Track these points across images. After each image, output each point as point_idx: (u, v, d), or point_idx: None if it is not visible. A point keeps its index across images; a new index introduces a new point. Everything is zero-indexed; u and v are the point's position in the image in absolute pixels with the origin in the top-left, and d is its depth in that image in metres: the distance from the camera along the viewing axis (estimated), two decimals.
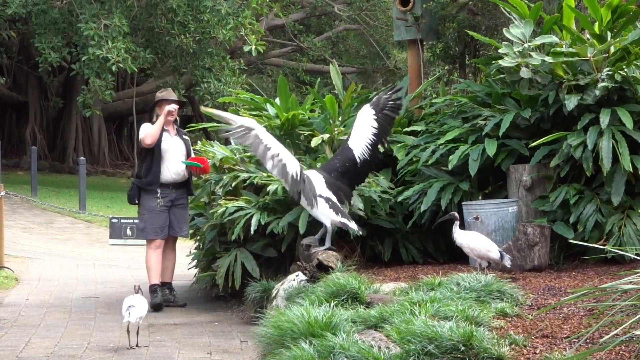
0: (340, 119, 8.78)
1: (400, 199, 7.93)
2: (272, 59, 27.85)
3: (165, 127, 8.73)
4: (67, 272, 11.39)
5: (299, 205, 7.40)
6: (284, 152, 6.98)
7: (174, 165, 8.67)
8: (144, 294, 7.07)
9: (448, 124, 8.26)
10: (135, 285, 7.00)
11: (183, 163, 8.63)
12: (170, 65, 21.74)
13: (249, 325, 7.30)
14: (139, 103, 25.69)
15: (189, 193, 8.88)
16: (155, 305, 8.41)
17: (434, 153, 7.91)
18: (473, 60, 10.18)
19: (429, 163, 7.93)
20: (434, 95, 9.83)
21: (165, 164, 8.66)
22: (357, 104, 9.21)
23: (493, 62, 8.08)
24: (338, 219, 7.04)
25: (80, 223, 17.29)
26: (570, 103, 7.25)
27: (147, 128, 8.67)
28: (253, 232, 7.82)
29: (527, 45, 7.65)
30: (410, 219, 7.90)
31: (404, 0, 9.70)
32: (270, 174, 7.48)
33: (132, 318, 6.63)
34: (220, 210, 7.99)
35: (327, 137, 8.32)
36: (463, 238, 6.70)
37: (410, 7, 9.64)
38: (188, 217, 8.89)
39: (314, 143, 8.26)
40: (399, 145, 8.32)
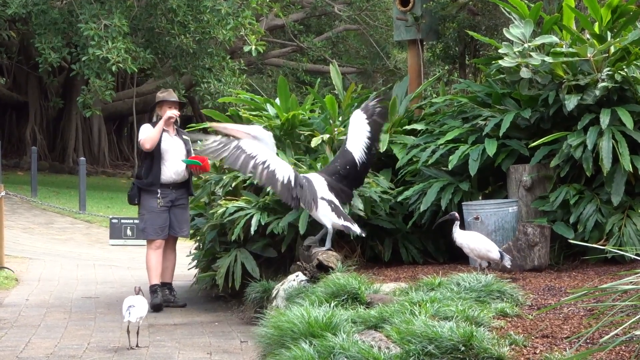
0: (340, 119, 8.78)
1: (400, 199, 7.93)
2: (272, 59, 27.85)
3: (165, 127, 8.72)
4: (67, 272, 11.39)
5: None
6: (273, 159, 6.84)
7: (174, 166, 8.67)
8: (144, 295, 7.07)
9: (448, 124, 8.26)
10: (136, 287, 6.99)
11: (183, 162, 8.63)
12: (170, 66, 21.74)
13: (249, 326, 7.30)
14: (139, 103, 25.69)
15: (189, 193, 8.87)
16: (156, 306, 8.41)
17: (434, 153, 7.91)
18: (473, 61, 10.18)
19: (429, 163, 7.93)
20: (434, 96, 9.83)
21: (165, 164, 8.66)
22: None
23: (493, 62, 8.08)
24: (340, 222, 6.99)
25: (81, 223, 17.29)
26: (570, 103, 7.25)
27: (146, 130, 8.67)
28: (253, 232, 7.82)
29: (527, 46, 7.65)
30: (410, 219, 7.90)
31: (404, 1, 9.71)
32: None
33: (132, 318, 6.62)
34: (221, 211, 7.99)
35: (327, 137, 8.32)
36: (463, 238, 6.69)
37: (410, 7, 9.64)
38: (188, 217, 8.89)
39: (314, 143, 8.26)
40: (399, 145, 8.32)
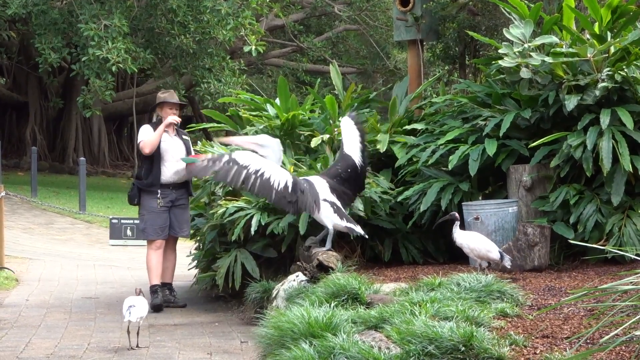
0: (340, 119, 8.78)
1: (400, 199, 7.93)
2: (272, 60, 27.84)
3: (165, 128, 8.72)
4: (67, 272, 11.39)
5: None
6: (267, 167, 6.79)
7: (174, 166, 8.66)
8: (145, 296, 7.07)
9: (448, 124, 8.26)
10: (137, 288, 6.99)
11: (182, 160, 8.62)
12: (170, 66, 21.74)
13: (249, 326, 7.30)
14: (139, 103, 25.69)
15: (189, 193, 8.87)
16: (156, 306, 8.41)
17: (434, 153, 7.91)
18: (473, 61, 10.19)
19: (429, 163, 7.93)
20: (434, 96, 9.83)
21: (165, 165, 8.66)
22: (357, 104, 9.22)
23: (493, 62, 8.08)
24: (343, 224, 6.99)
25: (81, 223, 17.29)
26: (570, 103, 7.25)
27: (146, 131, 8.66)
28: (253, 232, 7.82)
29: (527, 46, 7.65)
30: (410, 219, 7.90)
31: (404, 1, 9.71)
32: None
33: (132, 317, 6.62)
34: (221, 211, 7.99)
35: (327, 137, 8.32)
36: (463, 238, 6.70)
37: (410, 7, 9.64)
38: (189, 217, 8.88)
39: (314, 143, 8.26)
40: (399, 145, 8.32)
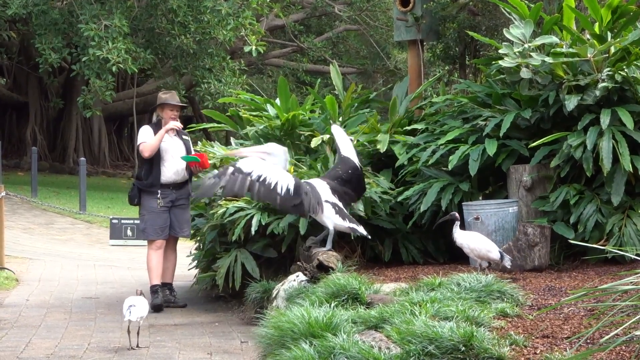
0: (341, 119, 8.78)
1: (400, 199, 7.93)
2: (272, 60, 27.85)
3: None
4: (67, 272, 11.39)
5: None
6: (270, 172, 6.78)
7: (174, 166, 8.66)
8: (145, 296, 7.07)
9: (448, 124, 8.26)
10: (137, 290, 7.00)
11: (182, 159, 8.62)
12: (171, 66, 21.76)
13: (250, 326, 7.30)
14: (139, 103, 25.70)
15: (189, 193, 8.87)
16: (156, 306, 8.40)
17: (434, 153, 7.91)
18: (473, 61, 10.19)
19: (429, 163, 7.93)
20: (434, 96, 9.83)
21: (165, 165, 8.65)
22: (357, 104, 9.22)
23: (493, 62, 8.08)
24: (346, 225, 6.99)
25: (81, 224, 17.29)
26: (571, 103, 7.25)
27: (146, 133, 8.65)
28: (253, 232, 7.82)
29: (527, 46, 7.65)
30: (411, 219, 7.90)
31: (404, 1, 9.71)
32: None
33: (132, 317, 6.63)
34: (221, 211, 7.99)
35: (327, 137, 8.32)
36: (463, 238, 6.70)
37: (411, 7, 9.64)
38: (189, 217, 8.87)
39: (314, 143, 8.26)
40: (399, 145, 8.32)
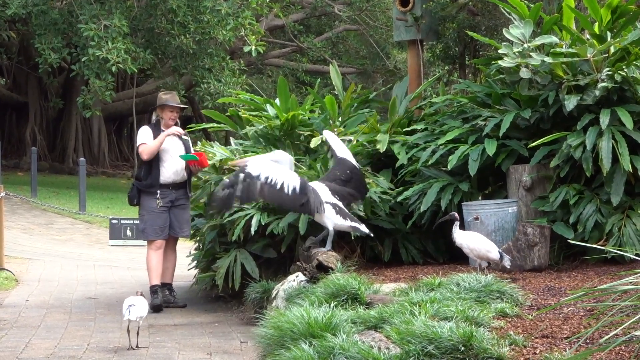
0: (340, 120, 8.78)
1: (400, 199, 7.93)
2: (272, 60, 27.85)
3: (164, 128, 8.73)
4: (67, 273, 11.39)
5: None
6: (276, 173, 6.77)
7: (173, 166, 8.66)
8: (145, 297, 7.07)
9: (448, 124, 8.26)
10: (138, 291, 7.01)
11: (180, 157, 8.62)
12: (170, 66, 21.76)
13: (249, 326, 7.30)
14: (139, 104, 25.70)
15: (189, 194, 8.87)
16: (156, 306, 8.40)
17: (434, 153, 7.91)
18: (473, 61, 10.18)
19: (429, 163, 7.93)
20: (434, 96, 9.83)
21: (164, 165, 8.65)
22: (356, 105, 9.22)
23: (493, 62, 8.08)
24: (347, 224, 7.01)
25: (80, 224, 17.28)
26: (570, 103, 7.25)
27: (145, 134, 8.65)
28: (253, 232, 7.82)
29: (526, 46, 7.65)
30: (410, 220, 7.90)
31: (404, 1, 9.71)
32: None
33: (132, 316, 6.63)
34: None
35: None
36: (463, 238, 6.69)
37: (410, 7, 9.64)
38: (189, 217, 8.87)
39: (314, 143, 8.25)
40: (399, 145, 8.32)
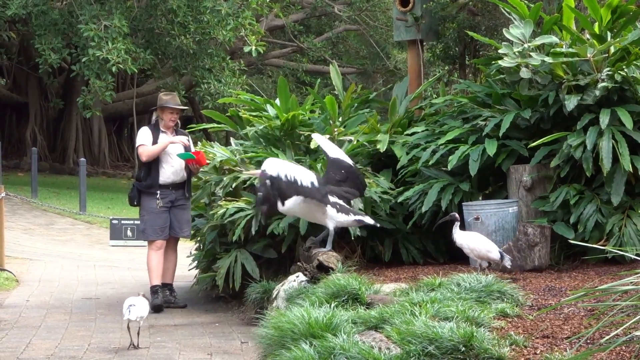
0: (340, 120, 8.78)
1: (401, 200, 7.93)
2: (272, 60, 27.85)
3: (164, 129, 8.73)
4: (67, 273, 11.39)
5: None
6: (295, 170, 6.85)
7: (173, 166, 8.66)
8: (147, 298, 7.08)
9: (448, 125, 8.26)
10: (140, 292, 7.02)
11: (178, 156, 8.61)
12: (171, 66, 21.76)
13: (250, 326, 7.30)
14: (139, 104, 25.70)
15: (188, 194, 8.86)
16: (156, 307, 8.40)
17: (434, 153, 7.91)
18: (473, 61, 10.18)
19: (429, 163, 7.93)
20: (434, 96, 9.83)
21: (164, 166, 8.66)
22: (357, 105, 9.22)
23: (493, 62, 8.08)
24: (352, 218, 7.04)
25: (81, 224, 17.28)
26: (570, 103, 7.25)
27: (144, 135, 8.66)
28: (254, 233, 7.82)
29: (527, 46, 7.65)
30: (411, 220, 7.90)
31: (404, 1, 9.71)
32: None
33: (132, 316, 6.65)
34: (221, 212, 7.99)
35: (327, 137, 8.31)
36: (463, 239, 6.70)
37: (410, 7, 9.64)
38: (189, 218, 8.88)
39: (314, 144, 8.24)
40: (399, 145, 8.32)
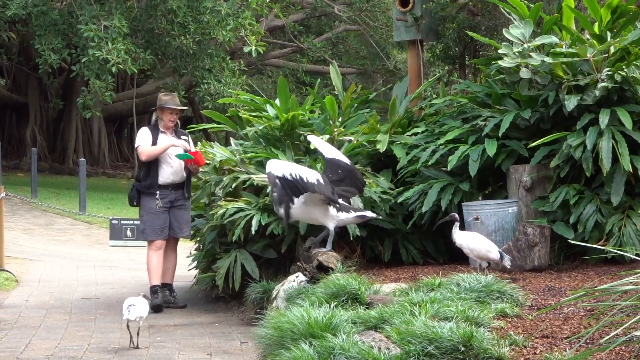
0: (340, 120, 8.78)
1: (401, 200, 7.92)
2: (272, 60, 27.85)
3: (163, 129, 8.72)
4: (67, 273, 11.39)
5: None
6: (301, 169, 6.85)
7: (172, 166, 8.66)
8: (148, 299, 7.08)
9: (448, 125, 8.26)
10: (141, 293, 7.03)
11: (176, 157, 8.61)
12: (170, 67, 21.75)
13: (249, 326, 7.30)
14: (139, 104, 25.70)
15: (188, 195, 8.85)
16: (156, 307, 8.40)
17: (434, 153, 7.91)
18: (473, 61, 10.18)
19: (429, 164, 7.93)
20: (434, 96, 9.83)
21: (163, 166, 8.65)
22: (356, 105, 9.22)
23: (493, 62, 8.09)
24: (353, 215, 7.07)
25: (81, 224, 17.28)
26: (570, 103, 7.25)
27: (144, 135, 8.66)
28: (253, 233, 7.82)
29: (526, 46, 7.65)
30: (410, 220, 7.90)
31: (404, 1, 9.71)
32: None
33: (131, 316, 6.65)
34: (221, 212, 7.99)
35: (327, 137, 8.32)
36: (463, 239, 6.69)
37: (410, 7, 9.64)
38: (189, 218, 8.87)
39: (312, 145, 8.25)
40: (399, 145, 8.32)
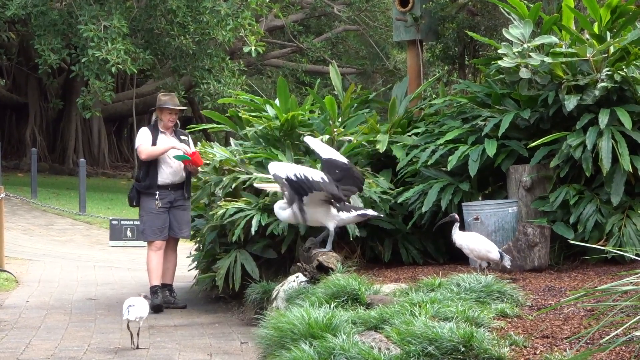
0: (340, 120, 8.78)
1: (401, 200, 7.92)
2: (271, 60, 27.85)
3: (163, 129, 8.72)
4: (67, 273, 11.39)
5: None
6: (305, 169, 6.88)
7: (172, 167, 8.66)
8: (148, 300, 7.09)
9: (448, 125, 8.26)
10: (141, 293, 7.03)
11: (174, 157, 8.61)
12: (170, 67, 21.75)
13: (249, 327, 7.30)
14: (139, 104, 25.70)
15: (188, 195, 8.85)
16: (156, 307, 8.40)
17: (434, 153, 7.91)
18: (472, 61, 10.18)
19: (429, 164, 7.93)
20: (434, 96, 9.83)
21: (163, 167, 8.66)
22: (356, 105, 9.22)
23: (492, 62, 8.08)
24: (354, 214, 7.07)
25: (81, 225, 17.28)
26: (570, 103, 7.25)
27: (144, 135, 8.66)
28: (253, 233, 7.82)
29: (526, 46, 7.65)
30: (410, 220, 7.90)
31: (404, 1, 9.71)
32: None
33: (131, 316, 6.66)
34: (221, 212, 7.99)
35: (326, 137, 8.32)
36: (463, 239, 6.69)
37: (410, 7, 9.64)
38: (189, 218, 8.87)
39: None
40: (399, 145, 8.32)
